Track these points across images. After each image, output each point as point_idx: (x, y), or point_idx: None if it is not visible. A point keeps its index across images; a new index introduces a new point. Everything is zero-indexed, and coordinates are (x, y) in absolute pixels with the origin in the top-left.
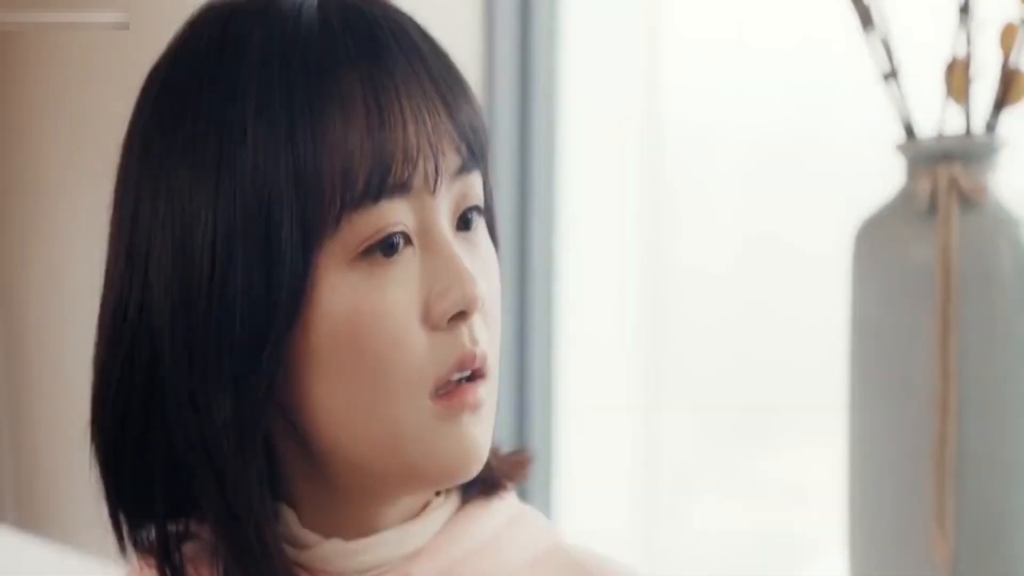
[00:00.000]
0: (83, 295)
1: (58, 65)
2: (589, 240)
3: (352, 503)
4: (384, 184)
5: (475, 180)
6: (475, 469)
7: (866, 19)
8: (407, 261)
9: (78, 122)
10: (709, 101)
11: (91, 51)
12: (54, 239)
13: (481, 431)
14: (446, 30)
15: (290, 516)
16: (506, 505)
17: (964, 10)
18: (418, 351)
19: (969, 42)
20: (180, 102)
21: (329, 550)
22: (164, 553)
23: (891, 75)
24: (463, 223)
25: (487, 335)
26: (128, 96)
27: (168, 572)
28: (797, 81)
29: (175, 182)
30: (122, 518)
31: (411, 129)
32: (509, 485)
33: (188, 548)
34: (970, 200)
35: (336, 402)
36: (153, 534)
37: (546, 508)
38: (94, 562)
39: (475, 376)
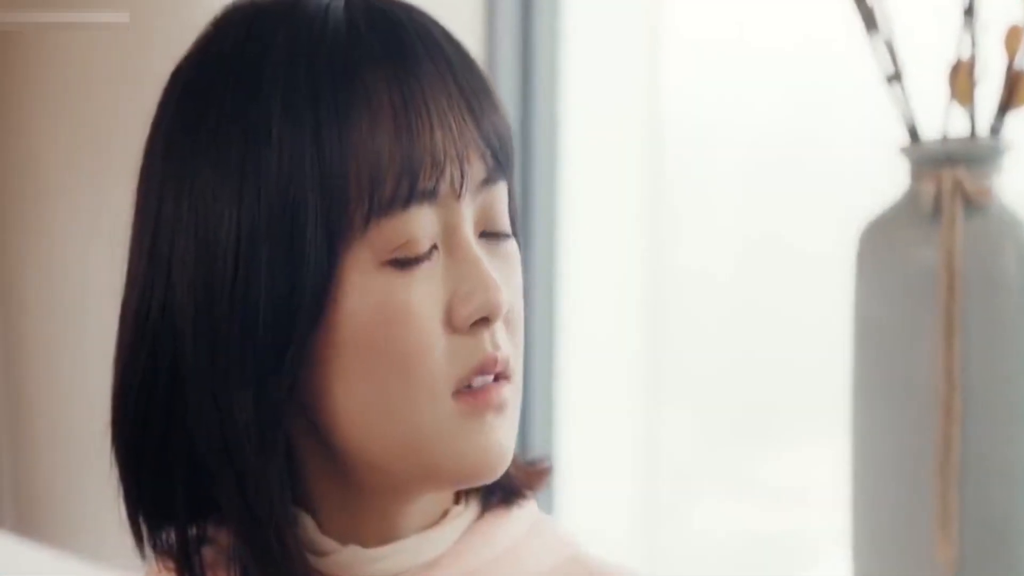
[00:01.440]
0: (83, 295)
1: (58, 65)
2: (590, 240)
3: (372, 506)
4: (413, 191)
5: (500, 190)
6: (499, 470)
7: (870, 21)
8: (431, 264)
9: (78, 122)
10: (710, 101)
11: (91, 51)
12: (54, 239)
13: (505, 431)
14: None
15: (308, 522)
16: (526, 514)
17: (968, 12)
18: (440, 353)
19: (973, 44)
20: (204, 102)
21: (347, 557)
22: (184, 555)
23: (895, 77)
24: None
25: (510, 341)
26: (129, 96)
27: (187, 574)
28: (798, 81)
29: (199, 182)
30: (142, 520)
31: (438, 134)
32: (529, 494)
33: (206, 553)
34: (974, 203)
35: (357, 402)
36: (172, 536)
37: (547, 509)
38: (93, 567)
39: (499, 378)
